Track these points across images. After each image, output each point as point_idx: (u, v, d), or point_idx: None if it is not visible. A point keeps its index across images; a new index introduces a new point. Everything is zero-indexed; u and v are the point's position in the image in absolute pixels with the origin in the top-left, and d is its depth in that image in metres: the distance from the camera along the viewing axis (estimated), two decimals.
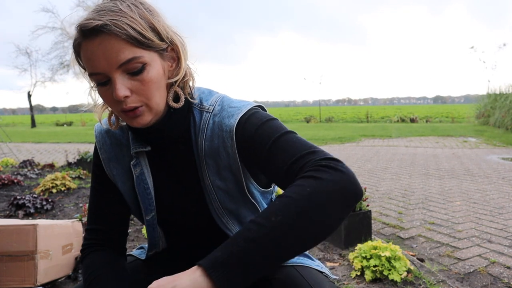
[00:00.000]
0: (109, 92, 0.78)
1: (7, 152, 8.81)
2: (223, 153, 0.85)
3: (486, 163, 6.39)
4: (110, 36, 0.73)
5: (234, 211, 0.92)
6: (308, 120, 23.57)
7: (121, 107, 0.79)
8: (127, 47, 0.75)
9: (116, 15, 0.75)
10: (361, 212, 2.57)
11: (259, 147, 0.80)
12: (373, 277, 2.02)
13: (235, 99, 0.90)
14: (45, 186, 4.22)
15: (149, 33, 0.77)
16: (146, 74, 0.77)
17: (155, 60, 0.79)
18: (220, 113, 0.86)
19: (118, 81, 0.76)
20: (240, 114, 0.84)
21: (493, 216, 3.35)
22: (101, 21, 0.73)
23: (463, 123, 17.86)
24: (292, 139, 0.78)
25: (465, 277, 2.18)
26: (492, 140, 9.96)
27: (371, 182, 5.01)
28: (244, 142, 0.82)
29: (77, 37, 0.77)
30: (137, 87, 0.78)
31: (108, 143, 0.95)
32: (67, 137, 14.97)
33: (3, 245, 1.93)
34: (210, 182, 0.88)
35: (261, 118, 0.83)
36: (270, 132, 0.80)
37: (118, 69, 0.76)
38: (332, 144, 10.27)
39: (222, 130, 0.85)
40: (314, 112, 29.37)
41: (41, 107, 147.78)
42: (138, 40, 0.75)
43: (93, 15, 0.76)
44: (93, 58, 0.75)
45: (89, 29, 0.74)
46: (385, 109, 45.54)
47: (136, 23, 0.76)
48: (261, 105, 0.91)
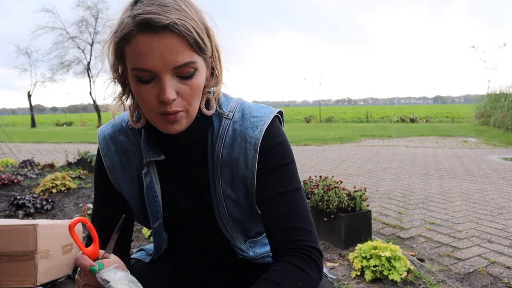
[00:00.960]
0: (152, 91, 0.74)
1: (7, 152, 8.81)
2: (242, 163, 0.85)
3: (486, 163, 6.39)
4: (174, 35, 0.70)
5: (240, 220, 0.92)
6: (308, 120, 23.57)
7: (164, 109, 0.75)
8: (187, 50, 0.72)
9: (182, 15, 0.71)
10: (361, 212, 2.57)
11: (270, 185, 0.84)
12: (373, 277, 2.02)
13: (254, 104, 0.90)
14: (45, 186, 4.22)
15: (206, 39, 0.75)
16: (195, 79, 0.76)
17: (202, 67, 0.78)
18: (242, 122, 0.85)
19: (169, 83, 0.73)
20: (264, 125, 0.84)
21: (493, 216, 3.35)
22: (171, 20, 0.69)
23: (463, 123, 17.86)
24: (297, 201, 0.84)
25: (465, 277, 2.18)
26: (492, 140, 9.96)
27: (371, 182, 5.01)
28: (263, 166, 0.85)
29: (132, 28, 0.71)
30: (184, 92, 0.75)
31: (112, 150, 0.91)
32: (67, 137, 14.97)
33: (3, 245, 1.93)
34: (222, 190, 0.87)
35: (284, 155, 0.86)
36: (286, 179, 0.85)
37: (171, 70, 0.73)
38: (332, 144, 10.28)
39: (245, 141, 0.84)
40: (314, 112, 29.37)
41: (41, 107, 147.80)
42: (199, 45, 0.73)
43: (158, 9, 0.70)
44: (147, 54, 0.71)
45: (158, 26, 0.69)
46: (385, 109, 45.54)
47: (199, 27, 0.73)
48: (281, 110, 0.91)
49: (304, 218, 0.83)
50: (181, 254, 1.04)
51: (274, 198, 0.83)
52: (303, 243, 0.81)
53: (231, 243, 0.94)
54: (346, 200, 2.54)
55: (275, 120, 0.88)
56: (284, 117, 0.94)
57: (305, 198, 0.87)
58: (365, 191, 2.67)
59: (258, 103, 0.94)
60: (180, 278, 1.03)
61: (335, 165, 6.52)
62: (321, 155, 7.97)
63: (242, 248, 0.95)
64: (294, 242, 0.81)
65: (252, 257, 0.97)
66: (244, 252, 0.96)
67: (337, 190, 2.59)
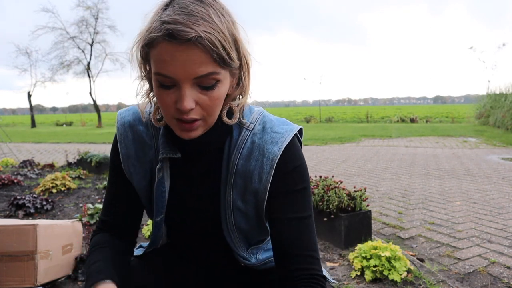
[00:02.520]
0: (171, 96, 0.74)
1: (7, 152, 8.81)
2: (256, 177, 0.85)
3: (486, 163, 6.39)
4: (198, 48, 0.69)
5: (245, 231, 0.92)
6: (308, 120, 23.57)
7: (181, 116, 0.75)
8: (210, 62, 0.71)
9: (210, 27, 0.70)
10: (361, 212, 2.57)
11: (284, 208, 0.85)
12: (373, 277, 2.02)
13: (275, 118, 0.89)
14: (45, 186, 4.22)
15: (233, 53, 0.74)
16: (216, 90, 0.75)
17: (226, 78, 0.77)
18: (262, 135, 0.85)
19: (188, 92, 0.73)
20: (284, 143, 0.84)
21: (493, 216, 3.35)
22: (196, 33, 0.68)
23: (463, 123, 17.86)
24: (309, 228, 0.86)
25: (465, 277, 2.18)
26: (492, 140, 9.96)
27: (371, 182, 5.01)
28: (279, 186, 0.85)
29: (157, 34, 0.70)
30: (203, 102, 0.75)
31: (130, 138, 0.91)
32: (67, 137, 14.97)
33: (3, 245, 1.92)
34: (231, 200, 0.87)
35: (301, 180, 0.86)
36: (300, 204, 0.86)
37: (192, 80, 0.72)
38: (332, 144, 10.28)
39: (263, 155, 0.84)
40: (314, 112, 29.37)
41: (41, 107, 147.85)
42: (223, 58, 0.72)
43: (185, 19, 0.69)
44: (170, 61, 0.71)
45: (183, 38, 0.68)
46: (385, 109, 45.54)
47: (226, 40, 0.72)
48: (301, 127, 0.91)
49: (315, 246, 0.86)
50: (178, 252, 1.03)
51: (287, 222, 0.84)
52: (315, 272, 0.84)
53: (233, 250, 0.94)
54: (346, 200, 2.54)
55: (295, 139, 0.88)
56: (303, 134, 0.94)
57: (314, 223, 0.88)
58: (365, 191, 2.67)
59: (258, 103, 0.93)
60: (174, 275, 1.02)
61: (335, 165, 6.52)
62: (321, 155, 7.97)
63: (244, 255, 0.95)
64: (306, 271, 0.83)
65: (254, 264, 0.97)
66: (247, 260, 0.96)
67: (337, 190, 2.59)
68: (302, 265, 0.83)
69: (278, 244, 0.85)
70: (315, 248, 0.86)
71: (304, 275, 0.83)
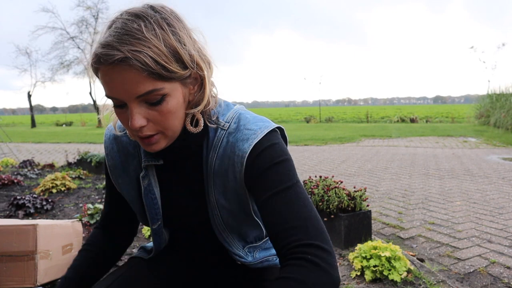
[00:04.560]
0: (125, 115, 0.76)
1: (7, 152, 8.81)
2: (231, 175, 0.84)
3: (486, 163, 6.39)
4: (130, 68, 0.69)
5: (236, 228, 0.92)
6: (308, 120, 23.57)
7: (137, 133, 0.77)
8: (148, 80, 0.71)
9: (139, 45, 0.69)
10: (361, 212, 2.57)
11: (262, 189, 0.80)
12: (373, 277, 2.02)
13: (252, 116, 0.86)
14: (45, 186, 4.22)
15: (172, 65, 0.73)
16: (165, 105, 0.74)
17: (176, 90, 0.76)
18: (235, 133, 0.83)
19: (135, 110, 0.74)
20: (255, 139, 0.81)
21: (493, 216, 3.35)
22: (122, 54, 0.68)
23: (463, 123, 17.86)
24: (291, 199, 0.77)
25: (465, 277, 2.18)
26: (492, 140, 9.96)
27: (371, 182, 5.01)
28: (252, 174, 0.81)
29: (94, 61, 0.72)
30: (155, 117, 0.75)
31: (115, 149, 0.94)
32: (67, 137, 14.96)
33: (3, 245, 1.92)
34: (215, 200, 0.87)
35: (273, 157, 0.80)
36: (276, 179, 0.79)
37: (136, 99, 0.73)
38: (332, 144, 10.27)
39: (234, 153, 0.82)
40: (314, 112, 29.37)
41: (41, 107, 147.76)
42: (160, 74, 0.71)
43: (113, 41, 0.69)
44: (110, 84, 0.72)
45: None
46: (385, 109, 45.54)
47: (161, 54, 0.71)
48: (280, 126, 0.87)
49: (297, 215, 0.76)
50: (179, 254, 1.04)
51: (265, 203, 0.79)
52: (294, 244, 0.73)
53: (228, 249, 0.94)
54: (346, 200, 2.54)
55: (273, 137, 0.83)
56: (287, 135, 0.90)
57: (302, 192, 0.80)
58: (365, 191, 2.67)
59: (258, 103, 0.93)
60: (177, 277, 1.03)
61: (335, 165, 6.52)
62: (321, 155, 7.96)
63: (240, 254, 0.95)
64: (287, 246, 0.74)
65: (250, 262, 0.96)
66: (242, 258, 0.95)
67: (337, 190, 2.59)
68: (283, 242, 0.75)
69: (266, 229, 0.80)
70: (299, 217, 0.76)
71: (286, 252, 0.74)
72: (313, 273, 0.69)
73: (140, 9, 0.74)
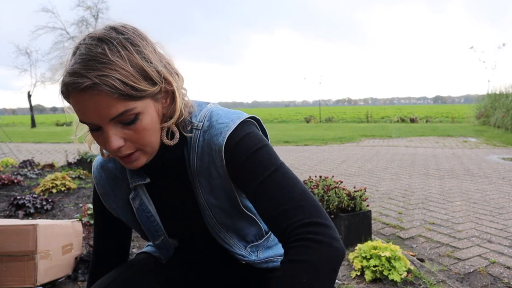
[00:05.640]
0: (101, 137, 0.76)
1: (7, 152, 8.81)
2: (214, 172, 0.84)
3: (486, 163, 6.39)
4: (100, 92, 0.69)
5: (231, 226, 0.92)
6: (308, 120, 23.57)
7: (115, 154, 0.78)
8: (119, 101, 0.71)
9: (106, 69, 0.70)
10: (361, 212, 2.57)
11: (248, 179, 0.79)
12: (373, 277, 2.02)
13: (224, 111, 0.86)
14: (45, 186, 4.22)
15: (141, 84, 0.73)
16: (139, 123, 0.75)
17: (148, 106, 0.76)
18: (209, 130, 0.83)
19: (111, 132, 0.74)
20: (228, 131, 0.80)
21: (493, 216, 3.35)
22: (89, 80, 0.68)
23: (463, 123, 17.86)
24: (280, 182, 0.77)
25: (465, 277, 2.18)
26: (492, 140, 9.96)
27: (371, 182, 5.01)
28: (234, 166, 0.81)
29: (63, 90, 0.73)
30: (131, 136, 0.76)
31: (104, 177, 0.95)
32: (67, 137, 14.93)
33: (3, 245, 1.92)
34: (204, 200, 0.87)
35: (251, 145, 0.80)
36: (260, 166, 0.79)
37: (110, 121, 0.73)
38: (332, 144, 10.27)
39: (211, 149, 0.82)
40: (314, 112, 29.37)
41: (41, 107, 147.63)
42: (130, 94, 0.72)
43: (81, 67, 0.70)
44: (82, 109, 0.72)
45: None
46: (385, 109, 45.54)
47: (128, 75, 0.71)
48: (254, 116, 0.87)
49: (290, 196, 0.76)
50: (183, 259, 1.04)
51: (255, 192, 0.79)
52: (294, 225, 0.73)
53: (230, 250, 0.94)
54: (346, 200, 2.54)
55: (245, 124, 0.83)
56: (265, 126, 0.90)
57: (288, 171, 0.80)
58: (365, 191, 2.66)
59: (257, 103, 0.93)
60: (182, 280, 1.03)
61: (335, 165, 6.52)
62: (321, 155, 7.96)
63: (243, 254, 0.95)
64: (287, 229, 0.73)
65: (254, 261, 0.96)
66: (246, 257, 0.95)
67: (337, 190, 2.59)
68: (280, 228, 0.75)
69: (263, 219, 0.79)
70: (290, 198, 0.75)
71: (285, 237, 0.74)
72: (318, 252, 0.70)
73: (102, 32, 0.74)
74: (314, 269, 0.69)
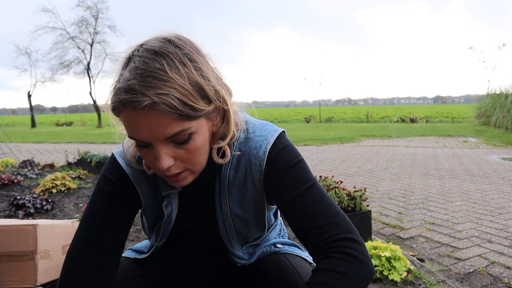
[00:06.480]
0: (151, 154, 0.74)
1: (7, 152, 8.80)
2: (249, 184, 0.84)
3: (486, 163, 6.39)
4: (157, 112, 0.66)
5: (244, 233, 0.93)
6: (308, 120, 23.57)
7: (164, 173, 0.75)
8: (175, 121, 0.68)
9: (165, 86, 0.66)
10: (361, 212, 2.57)
11: (285, 191, 0.81)
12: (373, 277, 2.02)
13: (258, 122, 0.86)
14: (45, 186, 4.22)
15: (199, 103, 0.70)
16: (192, 143, 0.73)
17: (202, 126, 0.74)
18: (246, 142, 0.83)
19: (162, 151, 0.71)
20: (268, 145, 0.82)
21: (493, 216, 3.35)
22: (149, 99, 0.65)
23: (463, 123, 17.86)
24: (317, 197, 0.80)
25: (465, 277, 2.18)
26: (492, 140, 9.96)
27: (371, 182, 5.01)
28: (271, 178, 0.82)
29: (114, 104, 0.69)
30: (182, 155, 0.74)
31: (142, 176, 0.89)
32: (67, 137, 14.96)
33: (3, 245, 1.92)
34: (229, 210, 0.87)
35: (289, 158, 0.82)
36: (298, 179, 0.81)
37: (163, 140, 0.71)
38: (332, 144, 10.27)
39: (250, 162, 0.82)
40: (314, 112, 29.38)
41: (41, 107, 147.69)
42: (188, 114, 0.69)
43: (138, 84, 0.65)
44: (135, 126, 0.69)
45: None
46: (385, 109, 45.55)
47: (187, 94, 0.68)
48: (283, 130, 0.88)
49: (326, 212, 0.78)
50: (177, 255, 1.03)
51: (290, 204, 0.80)
52: (330, 239, 0.75)
53: (229, 251, 0.95)
54: (346, 200, 2.54)
55: (281, 137, 0.85)
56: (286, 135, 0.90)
57: (322, 189, 0.82)
58: (365, 191, 2.66)
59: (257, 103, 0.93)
60: (174, 278, 1.03)
61: (335, 165, 6.52)
62: (321, 155, 7.97)
63: (240, 254, 0.96)
64: (323, 242, 0.76)
65: (249, 260, 0.97)
66: (242, 259, 0.96)
67: (337, 190, 2.59)
68: (318, 239, 0.77)
69: (295, 230, 0.81)
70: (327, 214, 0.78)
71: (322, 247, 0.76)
72: (353, 266, 0.73)
73: (158, 45, 0.70)
74: (348, 281, 0.71)
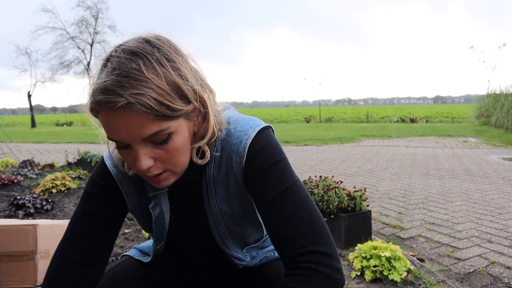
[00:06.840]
0: (130, 155, 0.73)
1: (7, 152, 8.80)
2: (232, 180, 0.83)
3: (486, 163, 6.39)
4: (133, 112, 0.66)
5: (239, 233, 0.92)
6: (308, 120, 23.57)
7: (144, 174, 0.75)
8: (152, 121, 0.68)
9: (141, 87, 0.65)
10: (361, 212, 2.57)
11: (260, 192, 0.79)
12: (373, 277, 2.02)
13: (241, 117, 0.84)
14: (45, 186, 4.22)
15: (176, 103, 0.69)
16: (171, 143, 0.72)
17: (181, 126, 0.73)
18: (227, 138, 0.81)
19: (141, 152, 0.71)
20: (248, 140, 0.79)
21: (493, 216, 3.35)
22: (124, 99, 0.64)
23: (463, 123, 17.86)
24: (290, 202, 0.77)
25: (465, 277, 2.18)
26: (492, 140, 9.96)
27: (371, 182, 5.01)
28: (251, 174, 0.80)
29: (91, 105, 0.69)
30: (161, 156, 0.73)
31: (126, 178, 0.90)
32: (67, 137, 14.96)
33: (3, 245, 1.92)
34: (218, 208, 0.86)
35: (268, 158, 0.79)
36: (274, 181, 0.78)
37: (141, 141, 0.70)
38: (332, 144, 10.27)
39: (231, 158, 0.81)
40: (314, 112, 29.38)
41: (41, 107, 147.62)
42: (165, 114, 0.68)
43: (114, 84, 0.65)
44: (113, 127, 0.69)
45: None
46: (385, 109, 45.56)
47: (164, 94, 0.67)
48: (269, 125, 0.86)
49: (299, 218, 0.75)
50: (176, 258, 1.03)
51: (266, 206, 0.78)
52: (297, 251, 0.73)
53: (227, 253, 0.94)
54: (346, 200, 2.54)
55: (264, 132, 0.82)
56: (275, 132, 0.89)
57: (301, 191, 0.79)
58: (365, 191, 2.66)
59: (257, 103, 0.92)
60: (174, 281, 1.02)
61: (335, 165, 6.52)
62: (321, 155, 7.96)
63: (240, 257, 0.95)
64: (290, 254, 0.74)
65: (249, 263, 0.96)
66: (242, 260, 0.96)
67: (337, 190, 2.59)
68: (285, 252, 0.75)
69: (268, 233, 0.79)
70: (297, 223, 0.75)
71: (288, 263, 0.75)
72: (317, 282, 0.71)
73: (136, 44, 0.70)
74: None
